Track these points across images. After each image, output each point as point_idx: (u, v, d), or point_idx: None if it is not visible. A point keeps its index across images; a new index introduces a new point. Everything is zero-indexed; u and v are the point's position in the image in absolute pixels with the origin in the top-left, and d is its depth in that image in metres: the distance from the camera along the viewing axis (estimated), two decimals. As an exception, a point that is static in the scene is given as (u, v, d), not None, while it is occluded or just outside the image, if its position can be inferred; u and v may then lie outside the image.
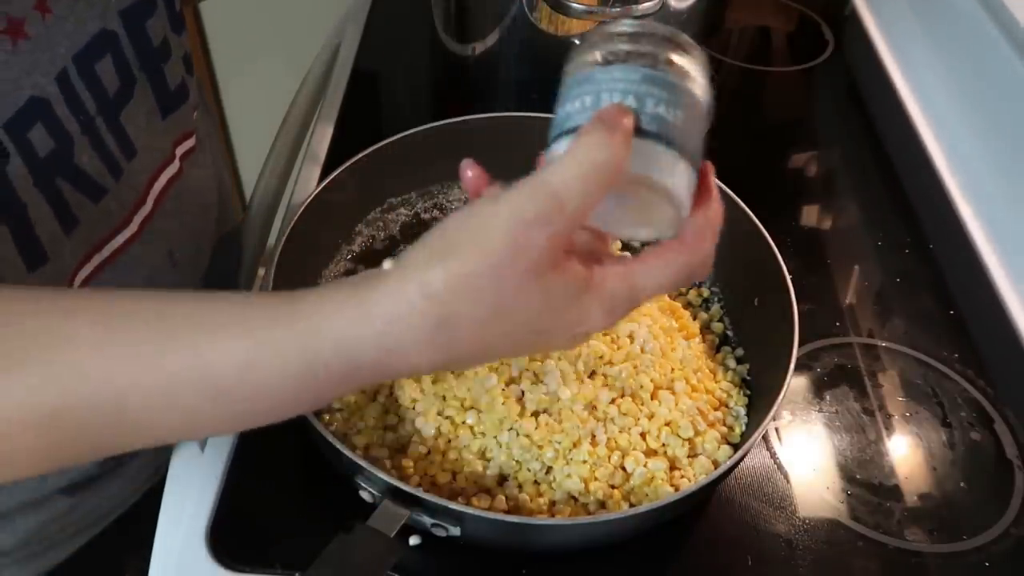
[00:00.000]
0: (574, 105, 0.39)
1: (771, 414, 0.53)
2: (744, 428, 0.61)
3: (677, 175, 0.38)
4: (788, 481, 0.61)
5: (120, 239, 0.54)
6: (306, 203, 0.64)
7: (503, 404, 0.56)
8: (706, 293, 0.71)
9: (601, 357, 0.58)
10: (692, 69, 0.39)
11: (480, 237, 0.32)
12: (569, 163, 0.33)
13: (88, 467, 0.62)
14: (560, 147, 0.37)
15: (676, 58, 0.39)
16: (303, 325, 0.32)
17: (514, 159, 0.76)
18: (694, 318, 0.69)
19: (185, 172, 0.60)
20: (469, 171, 0.39)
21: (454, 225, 0.33)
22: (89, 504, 0.66)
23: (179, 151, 0.59)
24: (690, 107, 0.39)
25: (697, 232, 0.38)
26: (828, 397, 0.67)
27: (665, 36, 0.40)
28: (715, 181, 0.40)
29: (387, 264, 0.33)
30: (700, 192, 0.39)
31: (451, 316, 0.32)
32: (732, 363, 0.65)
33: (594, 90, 0.38)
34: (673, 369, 0.61)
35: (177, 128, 0.58)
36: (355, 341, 0.32)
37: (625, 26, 0.40)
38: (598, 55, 0.39)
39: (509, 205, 0.32)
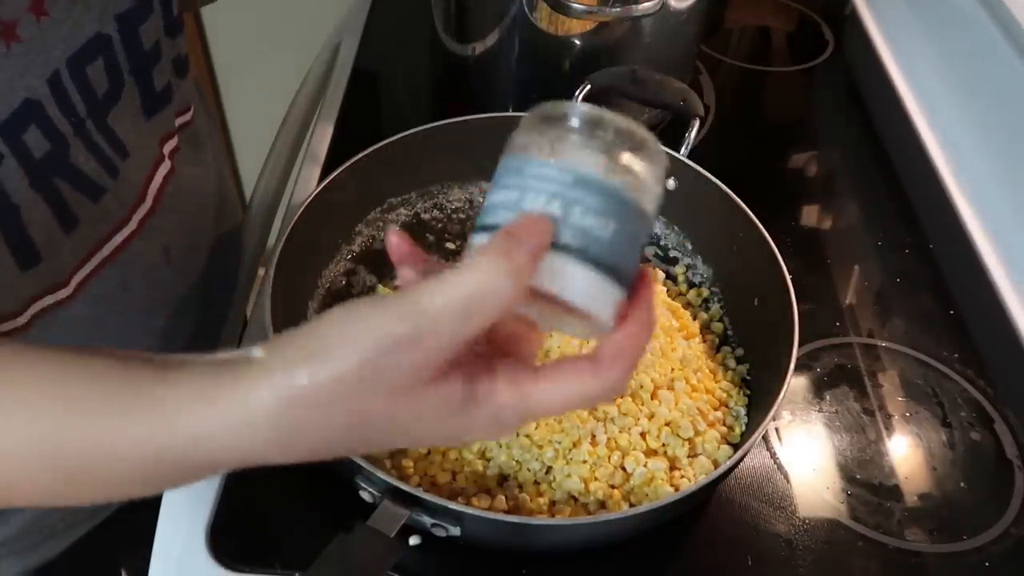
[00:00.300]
0: (499, 196, 0.34)
1: (771, 414, 0.53)
2: (744, 428, 0.61)
3: (595, 294, 0.33)
4: (788, 481, 0.61)
5: (120, 237, 0.55)
6: (306, 203, 0.64)
7: (503, 404, 0.56)
8: (706, 293, 0.71)
9: (601, 357, 0.58)
10: (643, 171, 0.35)
11: (345, 349, 0.30)
12: (454, 286, 0.30)
13: None
14: (477, 241, 0.34)
15: (628, 158, 0.34)
16: (158, 418, 0.31)
17: (514, 159, 0.77)
18: (694, 318, 0.69)
19: (178, 170, 0.60)
20: (393, 238, 0.36)
21: (325, 327, 0.31)
22: None
23: (166, 150, 0.59)
24: (626, 217, 0.34)
25: (614, 355, 0.33)
26: (828, 397, 0.67)
27: (623, 129, 0.35)
28: (653, 291, 0.35)
29: (257, 351, 0.31)
30: (631, 304, 0.34)
31: (305, 426, 0.31)
32: (732, 363, 0.65)
33: (521, 185, 0.34)
34: (673, 369, 0.61)
35: (161, 129, 0.58)
36: (207, 440, 0.31)
37: (582, 111, 0.35)
38: (542, 140, 0.34)
39: (381, 320, 0.30)
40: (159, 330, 0.62)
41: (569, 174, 0.33)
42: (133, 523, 0.69)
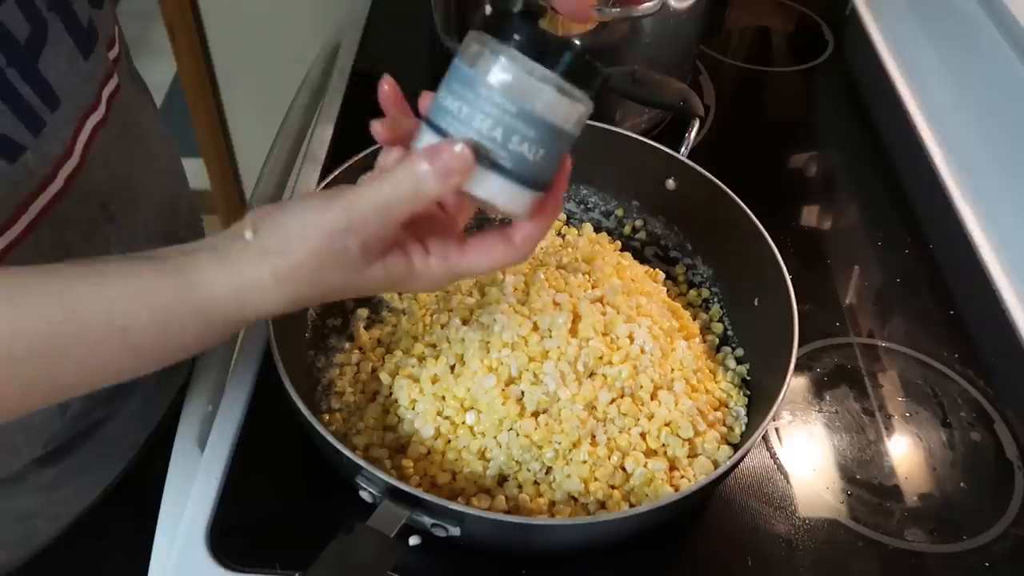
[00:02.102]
0: (451, 103, 0.41)
1: (771, 414, 0.53)
2: (744, 428, 0.61)
3: (519, 202, 0.42)
4: (788, 481, 0.61)
5: (45, 197, 0.50)
6: (306, 203, 0.64)
7: (503, 404, 0.56)
8: (706, 293, 0.71)
9: (601, 357, 0.58)
10: (574, 103, 0.41)
11: (307, 240, 0.41)
12: (377, 190, 0.41)
13: (58, 431, 0.61)
14: (424, 136, 0.42)
15: (564, 92, 0.40)
16: (188, 279, 0.41)
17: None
18: (694, 318, 0.69)
19: (113, 117, 0.56)
20: (386, 86, 0.46)
21: (289, 219, 0.42)
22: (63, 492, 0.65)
23: (105, 94, 0.55)
24: (555, 142, 0.41)
25: (525, 238, 0.45)
26: (828, 397, 0.67)
27: (564, 61, 0.40)
28: (564, 186, 0.45)
29: (248, 234, 0.42)
30: (547, 198, 0.44)
31: (297, 288, 0.42)
32: (732, 363, 0.65)
33: (473, 102, 0.40)
34: (673, 369, 0.61)
35: (100, 69, 0.54)
36: (231, 298, 0.41)
37: (530, 36, 0.40)
38: (499, 63, 0.40)
39: (324, 216, 0.41)
40: None
41: (514, 106, 0.40)
42: (119, 513, 0.68)
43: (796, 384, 0.67)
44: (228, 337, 0.44)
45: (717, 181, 0.68)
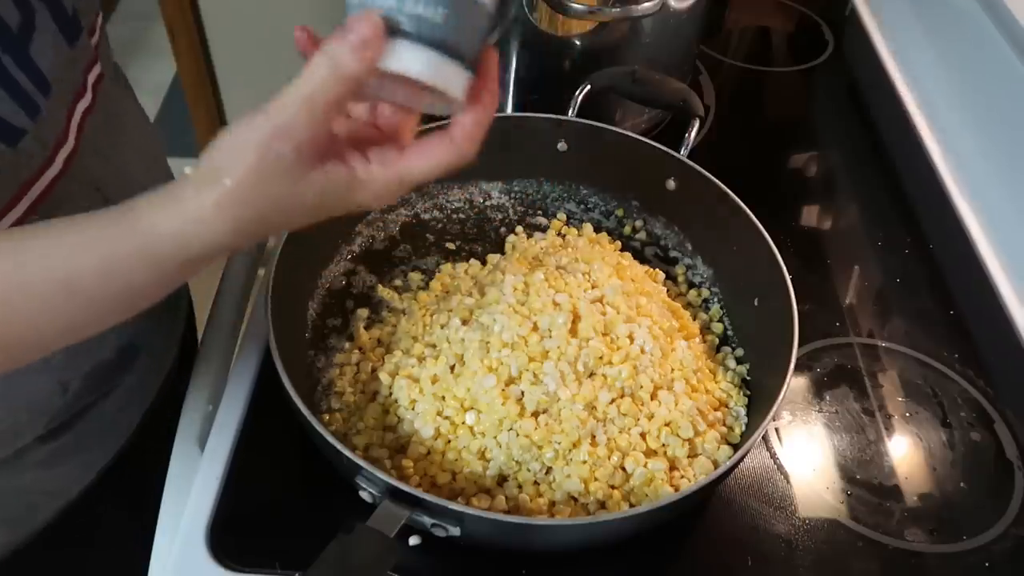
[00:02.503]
0: None
1: (771, 414, 0.53)
2: (744, 428, 0.61)
3: (436, 69, 0.40)
4: (788, 481, 0.61)
5: (46, 179, 0.52)
6: (306, 203, 0.64)
7: (503, 404, 0.56)
8: (706, 293, 0.71)
9: (600, 358, 0.58)
10: None
11: (241, 156, 0.40)
12: (297, 86, 0.40)
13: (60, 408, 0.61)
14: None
15: None
16: (133, 222, 0.41)
17: (514, 159, 0.77)
18: (694, 318, 0.69)
19: (99, 104, 0.58)
20: (300, 32, 0.44)
21: (222, 146, 0.41)
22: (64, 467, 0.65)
23: (90, 80, 0.57)
24: (456, 4, 0.40)
25: (465, 134, 0.43)
26: (828, 397, 0.67)
27: None
28: (495, 73, 0.43)
29: (188, 169, 0.42)
30: (478, 87, 0.42)
31: (240, 213, 0.41)
32: (732, 363, 0.65)
33: None
34: (673, 369, 0.61)
35: (84, 56, 0.56)
36: (176, 234, 0.41)
37: None
38: None
39: (256, 126, 0.40)
40: None
41: None
42: (115, 495, 0.68)
43: (796, 384, 0.68)
44: (184, 279, 0.44)
45: (717, 181, 0.68)
